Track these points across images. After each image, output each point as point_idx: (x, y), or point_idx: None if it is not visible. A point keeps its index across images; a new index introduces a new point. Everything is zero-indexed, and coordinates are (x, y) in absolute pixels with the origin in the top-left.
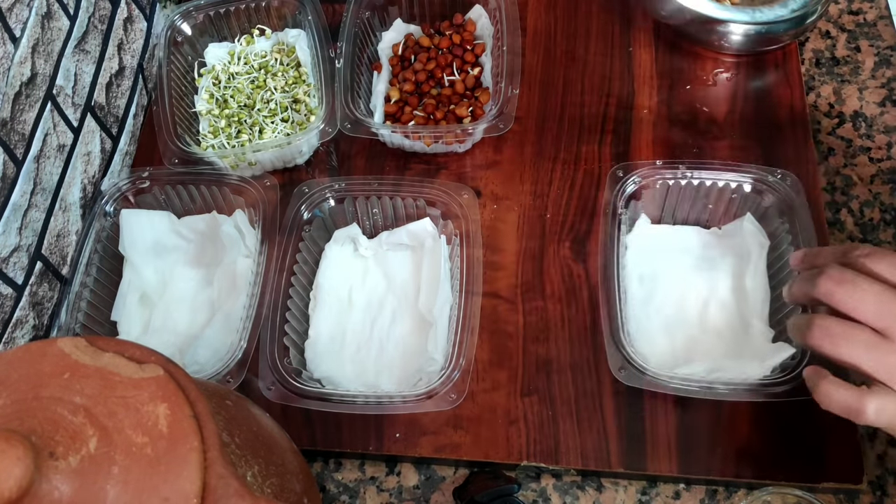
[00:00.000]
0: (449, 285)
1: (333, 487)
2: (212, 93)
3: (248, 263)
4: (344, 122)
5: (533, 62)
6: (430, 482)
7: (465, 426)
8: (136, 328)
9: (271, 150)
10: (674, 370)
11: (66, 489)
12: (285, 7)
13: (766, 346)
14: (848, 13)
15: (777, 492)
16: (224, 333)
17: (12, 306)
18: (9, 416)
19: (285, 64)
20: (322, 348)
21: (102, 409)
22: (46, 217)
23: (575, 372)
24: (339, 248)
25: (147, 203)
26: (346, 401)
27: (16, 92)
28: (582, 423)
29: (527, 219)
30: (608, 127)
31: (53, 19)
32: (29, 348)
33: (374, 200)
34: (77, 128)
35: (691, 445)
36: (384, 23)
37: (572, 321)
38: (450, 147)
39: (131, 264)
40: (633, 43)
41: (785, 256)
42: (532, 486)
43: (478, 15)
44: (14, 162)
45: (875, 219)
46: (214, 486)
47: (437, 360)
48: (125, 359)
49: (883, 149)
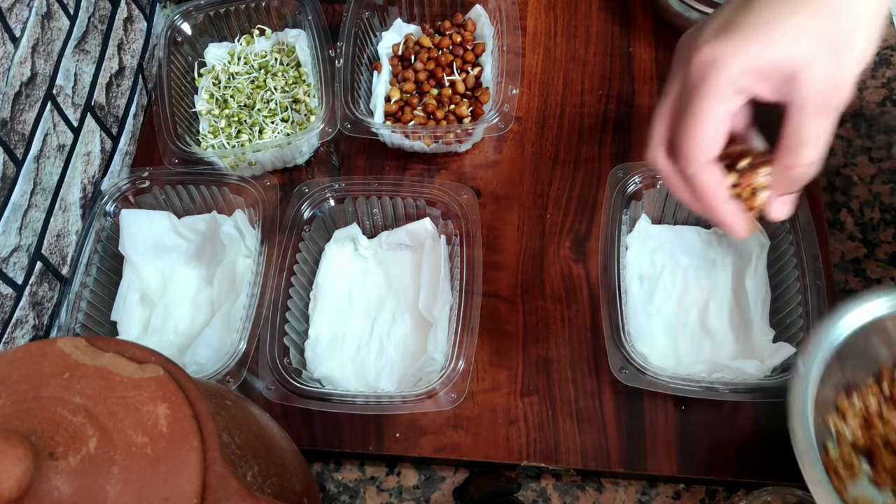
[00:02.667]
0: (449, 285)
1: (333, 487)
2: (212, 93)
3: (248, 263)
4: (344, 122)
5: (533, 62)
6: (430, 482)
7: (465, 426)
8: (136, 328)
9: (271, 150)
10: (674, 370)
11: (66, 489)
12: (285, 7)
13: (766, 346)
14: None
15: (777, 492)
16: (224, 333)
17: (12, 306)
18: (9, 416)
19: (285, 64)
20: (322, 348)
21: (102, 409)
22: (46, 217)
23: (575, 372)
24: (339, 248)
25: (147, 203)
26: (346, 401)
27: (16, 92)
28: (582, 423)
29: (527, 219)
30: (608, 127)
31: (53, 19)
32: (29, 348)
33: (374, 200)
34: (77, 128)
35: (691, 445)
36: (384, 23)
37: (572, 321)
38: (450, 147)
39: (131, 264)
40: (633, 43)
41: (785, 257)
42: (532, 486)
43: (478, 15)
44: (14, 162)
45: (875, 219)
46: (214, 486)
47: (437, 360)
48: (125, 359)
49: (883, 149)
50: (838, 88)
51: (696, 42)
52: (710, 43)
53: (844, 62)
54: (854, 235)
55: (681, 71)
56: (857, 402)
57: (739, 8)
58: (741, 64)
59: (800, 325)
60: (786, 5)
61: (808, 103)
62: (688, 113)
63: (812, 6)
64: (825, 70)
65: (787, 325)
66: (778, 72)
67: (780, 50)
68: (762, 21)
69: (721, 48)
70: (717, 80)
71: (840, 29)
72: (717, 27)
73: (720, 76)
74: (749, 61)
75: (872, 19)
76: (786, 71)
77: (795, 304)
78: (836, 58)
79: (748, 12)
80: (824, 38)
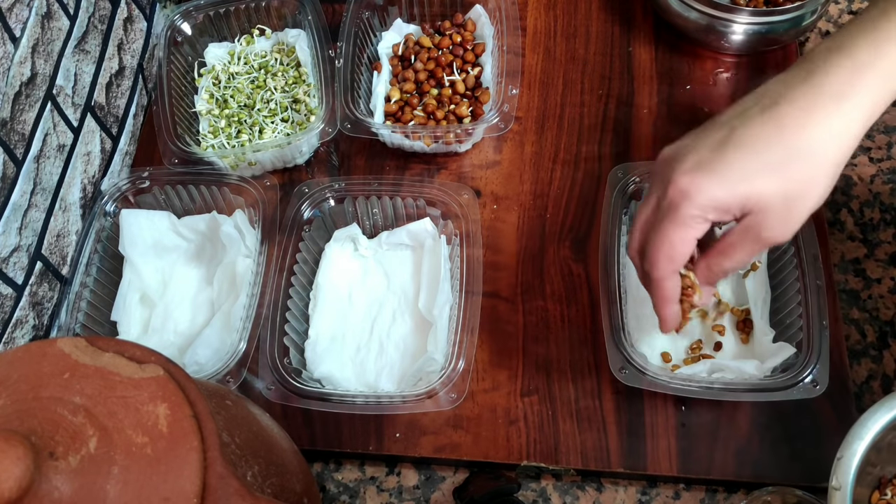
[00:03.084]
0: (449, 285)
1: (333, 487)
2: (212, 93)
3: (248, 263)
4: (344, 122)
5: (533, 62)
6: (430, 482)
7: (465, 426)
8: (136, 328)
9: (271, 150)
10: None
11: (66, 489)
12: (285, 7)
13: (767, 346)
14: (848, 13)
15: (777, 492)
16: (224, 333)
17: (12, 306)
18: (9, 416)
19: (285, 64)
20: (322, 348)
21: (102, 409)
22: (46, 217)
23: (575, 372)
24: (339, 248)
25: (147, 203)
26: (346, 401)
27: (16, 92)
28: (582, 423)
29: (527, 219)
30: (608, 127)
31: (53, 19)
32: (29, 348)
33: (374, 200)
34: (77, 128)
35: (691, 445)
36: (384, 23)
37: (572, 321)
38: (450, 147)
39: (131, 264)
40: (633, 43)
41: (785, 257)
42: (532, 486)
43: (478, 15)
44: (14, 162)
45: (875, 219)
46: (214, 486)
47: (437, 360)
48: (125, 359)
49: (883, 149)
50: (780, 234)
51: (677, 169)
52: (689, 174)
53: (795, 216)
54: (854, 235)
55: (660, 187)
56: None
57: (719, 147)
58: (709, 199)
59: (800, 325)
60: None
61: (750, 233)
62: (660, 231)
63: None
64: (778, 218)
65: (787, 325)
66: (740, 208)
67: (744, 194)
68: (734, 168)
69: (696, 183)
70: (688, 210)
71: (799, 190)
72: (695, 162)
73: (690, 207)
74: (717, 198)
75: (832, 179)
76: (746, 208)
77: (795, 304)
78: (789, 212)
79: (723, 158)
80: (785, 194)
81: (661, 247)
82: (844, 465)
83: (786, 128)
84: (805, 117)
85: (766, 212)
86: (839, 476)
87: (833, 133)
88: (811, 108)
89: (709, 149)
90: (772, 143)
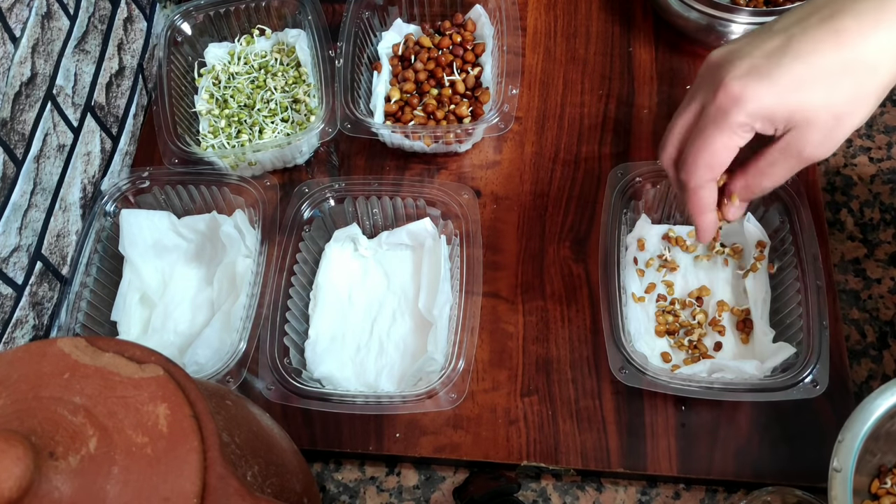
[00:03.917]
0: (449, 285)
1: (333, 487)
2: (212, 93)
3: (248, 263)
4: (344, 122)
5: (533, 62)
6: (430, 482)
7: (465, 426)
8: (136, 328)
9: (271, 150)
10: (674, 370)
11: (66, 489)
12: (285, 7)
13: (767, 346)
14: None
15: (777, 492)
16: (224, 333)
17: (12, 306)
18: (9, 416)
19: (285, 64)
20: (322, 348)
21: (102, 409)
22: (46, 217)
23: (575, 372)
24: (339, 248)
25: (147, 203)
26: (346, 401)
27: (16, 92)
28: (582, 423)
29: (527, 219)
30: (608, 127)
31: (53, 19)
32: (29, 348)
33: (374, 200)
34: (77, 128)
35: (691, 445)
36: (384, 23)
37: (572, 321)
38: (450, 147)
39: (131, 264)
40: (633, 43)
41: (785, 256)
42: (532, 486)
43: (478, 15)
44: (14, 162)
45: (875, 219)
46: (214, 486)
47: (437, 360)
48: (125, 359)
49: (883, 149)
50: (821, 151)
51: (729, 73)
52: (741, 80)
53: (839, 134)
54: (854, 235)
55: (707, 91)
56: (889, 482)
57: (775, 55)
58: (760, 107)
59: (800, 326)
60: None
61: (792, 150)
62: (703, 137)
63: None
64: (821, 134)
65: (787, 325)
66: (785, 120)
67: (794, 105)
68: (790, 77)
69: (749, 89)
70: (737, 117)
71: (847, 106)
72: (749, 66)
73: (740, 114)
74: (768, 105)
75: (877, 100)
76: (791, 122)
77: (795, 304)
78: (834, 129)
79: (779, 65)
80: (833, 109)
81: (702, 153)
82: (846, 448)
83: (845, 41)
84: (867, 31)
85: (810, 126)
86: (840, 458)
87: (891, 51)
88: (875, 22)
89: (764, 55)
90: (828, 55)
